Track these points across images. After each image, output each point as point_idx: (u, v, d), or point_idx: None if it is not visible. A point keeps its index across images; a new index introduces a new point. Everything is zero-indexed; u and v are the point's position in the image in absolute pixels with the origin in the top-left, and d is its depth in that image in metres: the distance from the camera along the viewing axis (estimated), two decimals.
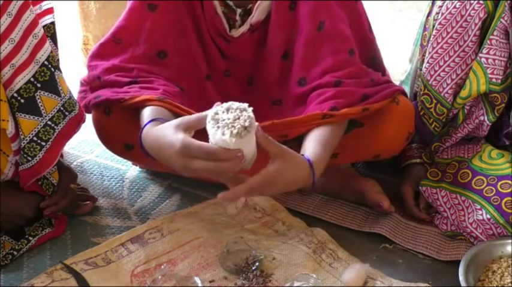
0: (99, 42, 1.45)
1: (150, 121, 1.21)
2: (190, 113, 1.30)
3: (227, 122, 1.06)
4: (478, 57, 1.36)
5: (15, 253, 1.30)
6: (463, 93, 1.40)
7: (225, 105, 1.08)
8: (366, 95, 1.37)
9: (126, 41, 1.42)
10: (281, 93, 1.47)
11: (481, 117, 1.41)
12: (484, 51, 1.35)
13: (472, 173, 1.39)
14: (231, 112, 1.07)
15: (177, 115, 1.28)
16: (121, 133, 1.38)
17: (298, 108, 1.42)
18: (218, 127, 1.06)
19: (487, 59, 1.35)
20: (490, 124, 1.40)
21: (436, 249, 1.37)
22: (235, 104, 1.08)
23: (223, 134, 1.05)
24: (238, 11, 1.43)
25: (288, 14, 1.42)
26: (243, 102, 1.49)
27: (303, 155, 1.22)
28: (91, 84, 1.44)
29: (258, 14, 1.43)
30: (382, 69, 1.53)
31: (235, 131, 1.05)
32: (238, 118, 1.06)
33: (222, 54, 1.47)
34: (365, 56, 1.47)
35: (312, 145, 1.26)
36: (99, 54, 1.43)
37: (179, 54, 1.42)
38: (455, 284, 1.23)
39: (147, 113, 1.25)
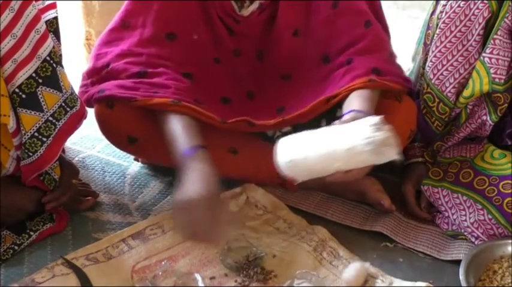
0: (108, 28, 1.45)
1: (198, 147, 1.25)
2: (210, 117, 1.32)
3: None
4: (481, 57, 1.36)
5: (16, 247, 1.30)
6: (466, 92, 1.39)
7: None
8: (376, 68, 1.38)
9: (134, 24, 1.42)
10: (291, 69, 1.49)
11: (484, 117, 1.40)
12: (488, 51, 1.35)
13: (474, 173, 1.39)
14: None
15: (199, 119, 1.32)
16: (124, 126, 1.38)
17: (314, 85, 1.43)
18: None
19: (490, 58, 1.34)
20: (493, 124, 1.40)
21: (437, 248, 1.37)
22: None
23: None
24: None
25: None
26: (253, 80, 1.49)
27: (352, 111, 1.26)
28: (95, 75, 1.43)
29: None
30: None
31: None
32: None
33: (230, 33, 1.47)
34: None
35: (356, 100, 1.29)
36: (108, 42, 1.43)
37: (187, 37, 1.42)
38: (455, 283, 1.23)
39: (180, 129, 1.27)
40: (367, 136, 1.14)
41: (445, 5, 1.39)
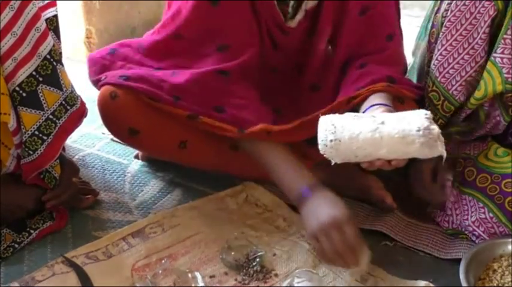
0: (156, 37, 1.42)
1: (311, 179, 1.29)
2: (228, 130, 1.32)
3: None
4: (492, 57, 1.33)
5: (16, 245, 1.30)
6: (478, 94, 1.37)
7: None
8: (390, 76, 1.38)
9: (188, 37, 1.39)
10: (321, 79, 1.48)
11: (498, 118, 1.39)
12: (499, 51, 1.32)
13: (477, 171, 1.38)
14: None
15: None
16: (126, 117, 1.38)
17: (337, 94, 1.43)
18: None
19: (501, 58, 1.32)
20: (506, 124, 1.39)
21: (437, 247, 1.37)
22: None
23: None
24: (291, 2, 1.42)
25: None
26: (283, 94, 1.49)
27: (377, 104, 1.26)
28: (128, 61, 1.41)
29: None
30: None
31: None
32: None
33: (274, 47, 1.46)
34: None
35: (378, 99, 1.29)
36: (156, 53, 1.41)
37: (241, 48, 1.40)
38: (455, 282, 1.23)
39: (286, 164, 1.31)
40: (423, 127, 1.10)
41: (450, 4, 1.38)
